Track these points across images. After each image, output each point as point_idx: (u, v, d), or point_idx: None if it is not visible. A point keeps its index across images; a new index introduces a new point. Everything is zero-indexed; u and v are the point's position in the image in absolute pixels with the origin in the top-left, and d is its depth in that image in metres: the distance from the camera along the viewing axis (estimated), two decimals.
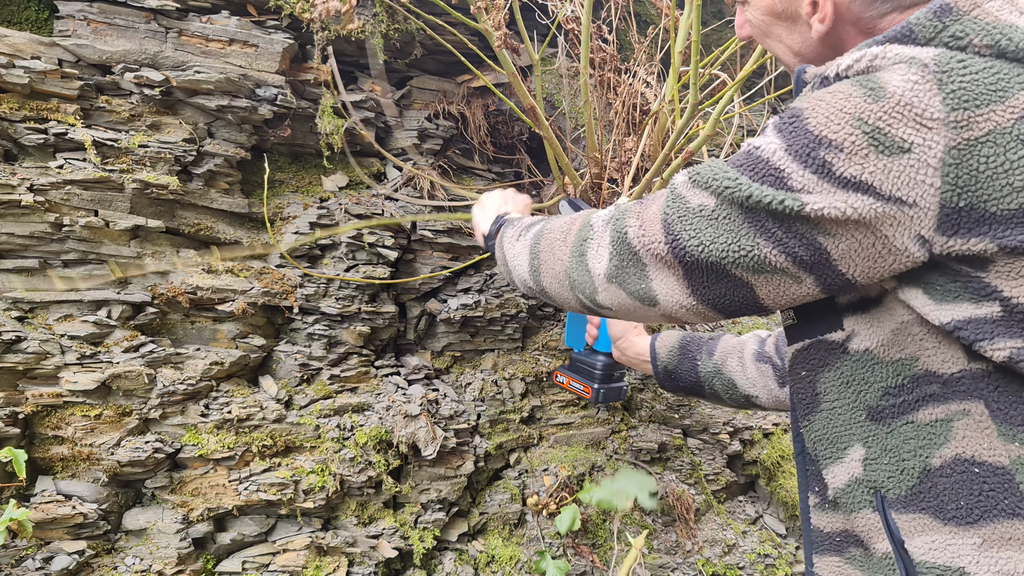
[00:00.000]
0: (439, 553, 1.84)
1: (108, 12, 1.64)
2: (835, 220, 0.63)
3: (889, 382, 0.69)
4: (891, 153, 0.60)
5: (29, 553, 1.42)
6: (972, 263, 0.61)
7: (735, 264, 0.69)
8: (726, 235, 0.69)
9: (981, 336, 0.62)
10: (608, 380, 1.33)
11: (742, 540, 2.07)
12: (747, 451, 2.22)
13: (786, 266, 0.67)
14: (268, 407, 1.68)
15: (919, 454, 0.67)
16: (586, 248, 0.85)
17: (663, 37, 2.16)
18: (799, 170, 0.64)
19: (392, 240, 1.87)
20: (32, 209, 1.49)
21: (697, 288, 0.74)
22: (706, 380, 1.19)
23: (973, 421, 0.64)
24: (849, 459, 0.72)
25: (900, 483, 0.68)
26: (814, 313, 0.76)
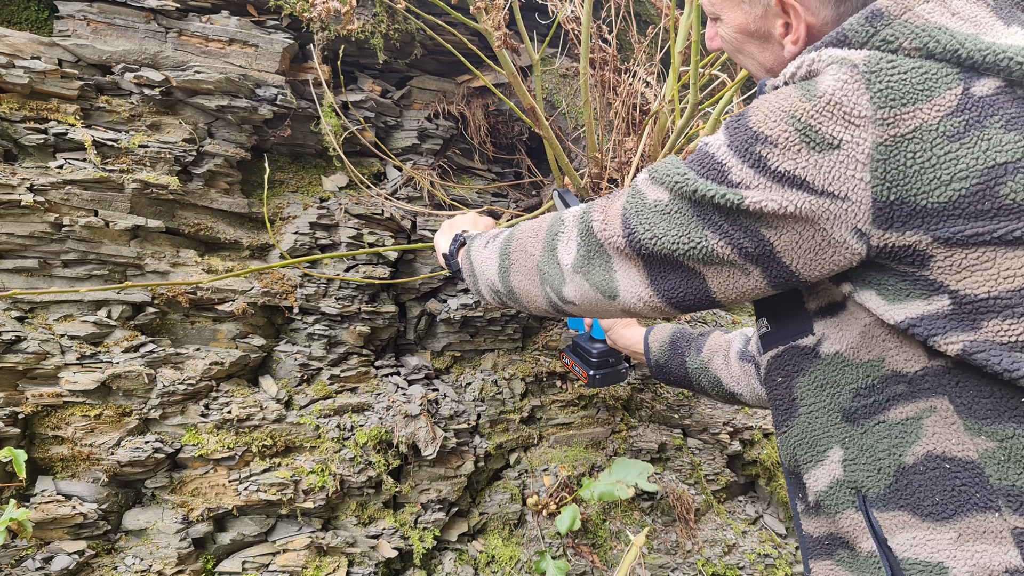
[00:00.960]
0: (439, 553, 1.84)
1: (108, 12, 1.64)
2: (774, 214, 0.66)
3: (860, 383, 0.71)
4: (821, 149, 0.63)
5: (29, 553, 1.42)
6: (914, 261, 0.63)
7: (686, 255, 0.72)
8: (677, 228, 0.72)
9: (934, 331, 0.63)
10: (604, 366, 1.37)
11: (742, 540, 2.07)
12: (747, 451, 2.22)
13: (733, 258, 0.70)
14: (268, 407, 1.68)
15: (893, 452, 0.68)
16: (557, 241, 0.87)
17: (663, 37, 2.16)
18: (738, 165, 0.67)
19: (392, 240, 1.87)
20: (32, 209, 1.49)
21: (655, 279, 0.77)
22: (694, 376, 1.23)
23: (940, 417, 0.65)
24: (829, 461, 0.74)
25: (878, 482, 0.69)
26: (786, 319, 0.78)
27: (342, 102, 1.90)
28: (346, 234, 1.84)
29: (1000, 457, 0.61)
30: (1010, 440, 0.61)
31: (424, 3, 1.90)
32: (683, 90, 1.68)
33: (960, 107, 0.60)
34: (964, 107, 0.60)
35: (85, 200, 1.56)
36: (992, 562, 0.62)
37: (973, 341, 0.61)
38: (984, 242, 0.59)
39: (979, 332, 0.61)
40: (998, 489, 0.62)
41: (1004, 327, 0.60)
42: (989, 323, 0.61)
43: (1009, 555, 0.61)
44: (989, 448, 0.62)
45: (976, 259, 0.60)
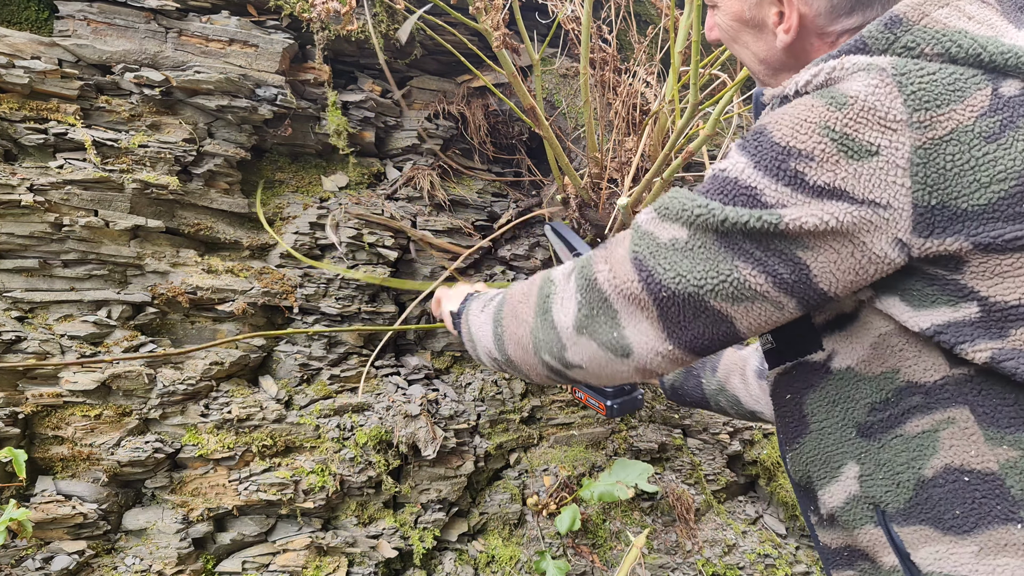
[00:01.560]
0: (439, 553, 1.84)
1: (108, 12, 1.64)
2: (813, 231, 0.63)
3: (874, 397, 0.69)
4: (860, 157, 0.61)
5: (29, 553, 1.42)
6: (947, 265, 0.61)
7: (714, 293, 0.67)
8: (703, 263, 0.66)
9: (961, 339, 0.62)
10: (620, 394, 1.32)
11: (742, 540, 2.07)
12: (747, 451, 2.22)
13: (767, 290, 0.66)
14: (268, 407, 1.68)
15: (912, 466, 0.67)
16: (550, 304, 0.80)
17: (663, 37, 2.16)
18: (771, 184, 0.64)
19: (392, 240, 1.87)
20: (32, 209, 1.49)
21: (673, 330, 0.71)
22: (711, 397, 1.19)
23: (959, 429, 0.64)
24: (844, 477, 0.72)
25: (897, 496, 0.68)
26: (792, 335, 0.76)
27: (342, 102, 1.90)
28: (346, 234, 1.83)
29: (1023, 467, 0.61)
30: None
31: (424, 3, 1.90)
32: (683, 90, 1.68)
33: (992, 108, 0.59)
34: (996, 107, 0.59)
35: (85, 200, 1.56)
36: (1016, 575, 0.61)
37: (1001, 349, 0.60)
38: (1021, 247, 0.58)
39: (1007, 340, 0.60)
40: (1020, 500, 0.61)
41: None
42: (1018, 331, 0.60)
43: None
44: (1012, 458, 0.61)
45: (1010, 264, 0.59)
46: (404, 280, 1.88)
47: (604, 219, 1.96)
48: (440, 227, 1.95)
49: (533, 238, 2.14)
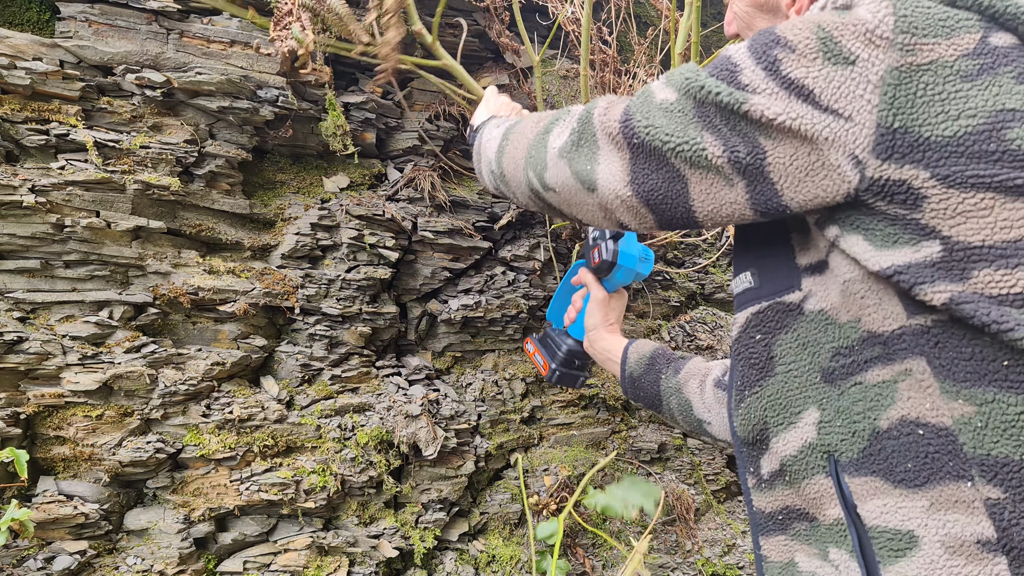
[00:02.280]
0: (440, 553, 1.84)
1: (109, 13, 1.65)
2: (774, 123, 0.65)
3: (840, 343, 0.69)
4: (837, 62, 0.63)
5: (31, 553, 1.42)
6: (906, 202, 0.61)
7: (676, 152, 0.71)
8: (676, 124, 0.71)
9: (920, 279, 0.61)
10: (568, 365, 1.35)
11: (742, 540, 2.08)
12: None
13: (722, 163, 0.69)
14: (269, 407, 1.69)
15: (868, 416, 0.67)
16: (553, 126, 0.87)
17: (663, 38, 2.17)
18: (751, 66, 0.67)
19: (393, 241, 1.88)
20: (33, 210, 1.49)
21: (636, 176, 0.75)
22: (665, 396, 1.18)
23: (915, 381, 0.64)
24: (803, 423, 0.72)
25: (852, 446, 0.68)
26: (775, 274, 0.77)
27: (343, 103, 1.90)
28: (347, 235, 1.84)
29: (977, 423, 0.60)
30: (989, 405, 0.59)
31: (424, 4, 1.90)
32: None
33: (977, 51, 0.60)
34: (981, 52, 0.60)
35: (87, 201, 1.57)
36: (964, 532, 0.60)
37: (961, 292, 0.59)
38: (985, 186, 0.58)
39: (967, 283, 0.59)
40: (972, 458, 0.60)
41: (996, 278, 0.58)
42: (980, 273, 0.59)
43: (981, 526, 0.59)
44: (965, 413, 0.60)
45: (974, 204, 0.59)
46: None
47: None
48: (441, 228, 1.95)
49: (533, 239, 2.15)
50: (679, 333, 2.29)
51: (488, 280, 2.06)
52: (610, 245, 1.24)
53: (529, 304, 2.08)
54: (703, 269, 2.42)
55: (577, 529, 1.97)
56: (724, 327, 2.34)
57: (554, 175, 0.84)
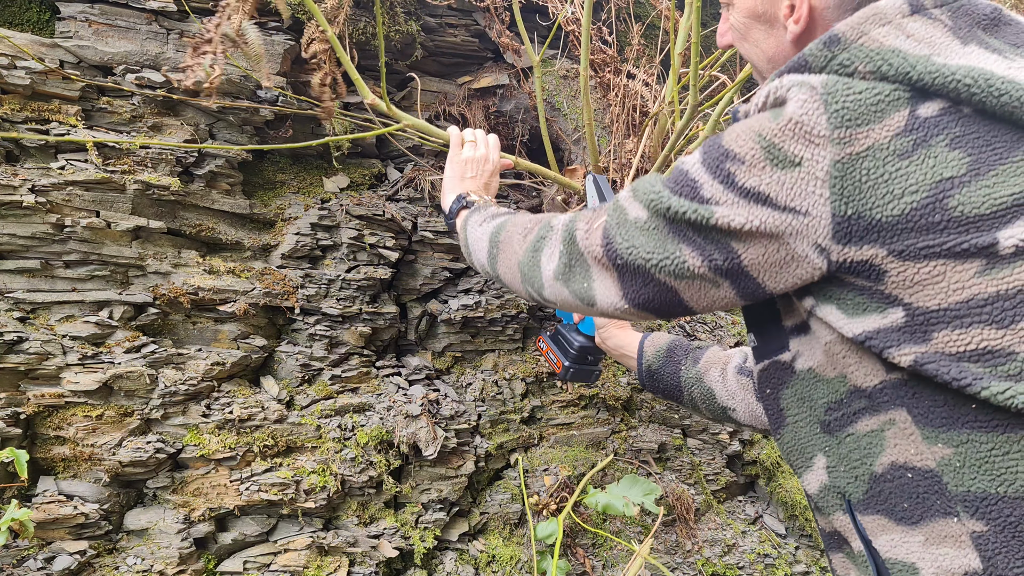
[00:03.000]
0: (440, 553, 1.84)
1: (109, 13, 1.65)
2: (741, 229, 0.69)
3: (830, 398, 0.75)
4: (784, 167, 0.67)
5: (31, 553, 1.42)
6: (870, 276, 0.66)
7: (659, 268, 0.75)
8: (654, 242, 0.75)
9: (888, 344, 0.66)
10: (581, 361, 1.35)
11: (742, 540, 2.08)
12: (747, 451, 2.23)
13: (704, 271, 0.73)
14: (269, 407, 1.69)
15: (864, 462, 0.72)
16: (542, 246, 0.92)
17: (663, 39, 2.17)
18: (709, 181, 0.71)
19: (393, 241, 1.88)
20: (34, 210, 1.49)
21: (628, 292, 0.80)
22: (686, 386, 1.21)
23: (899, 429, 0.68)
24: (816, 467, 0.78)
25: (857, 488, 0.73)
26: (768, 335, 0.82)
27: (343, 103, 1.90)
28: (347, 235, 1.84)
29: (956, 463, 0.64)
30: (964, 445, 0.64)
31: (424, 4, 1.91)
32: (683, 91, 1.69)
33: (908, 127, 0.63)
34: (912, 127, 0.63)
35: (87, 201, 1.57)
36: (953, 565, 0.65)
37: (924, 353, 0.64)
38: (935, 255, 0.62)
39: (929, 344, 0.64)
40: (955, 495, 0.64)
41: (953, 338, 0.63)
42: (939, 334, 0.63)
43: (968, 558, 0.64)
44: (945, 455, 0.65)
45: (928, 273, 0.63)
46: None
47: None
48: (441, 228, 1.95)
49: None
50: (679, 333, 2.29)
51: (488, 280, 2.06)
52: None
53: (529, 304, 2.08)
54: None
55: (577, 529, 1.97)
56: (724, 327, 2.34)
57: (552, 294, 0.90)
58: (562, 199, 1.99)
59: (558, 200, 2.00)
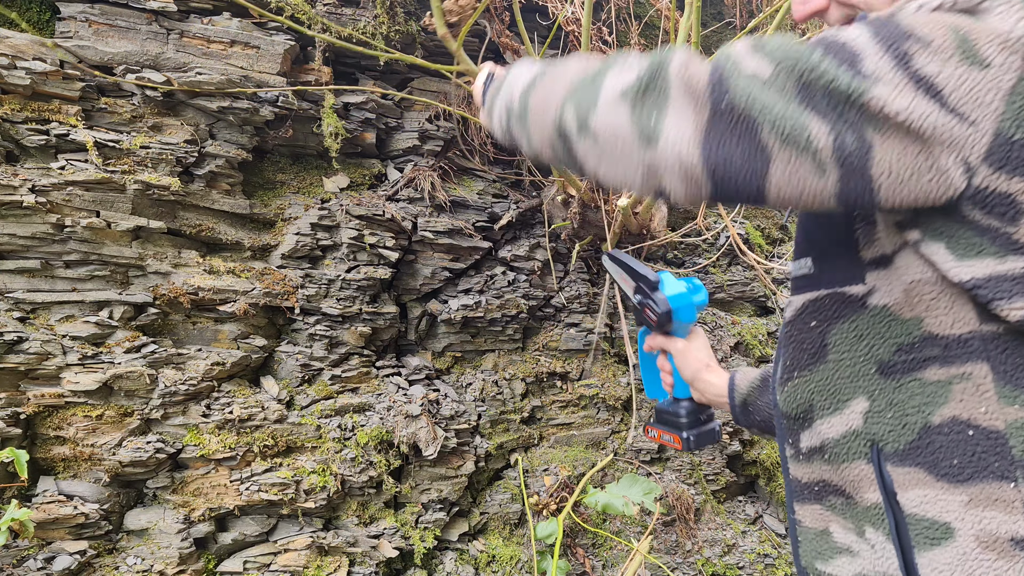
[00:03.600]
0: (440, 553, 1.84)
1: (109, 13, 1.65)
2: (892, 117, 0.61)
3: (903, 339, 0.70)
4: (971, 64, 0.60)
5: (31, 553, 1.42)
6: (1005, 214, 0.61)
7: (772, 126, 0.64)
8: (775, 97, 0.64)
9: (1000, 295, 0.61)
10: (696, 424, 1.26)
11: (742, 540, 2.08)
12: (747, 451, 2.23)
13: (823, 149, 0.62)
14: (269, 407, 1.69)
15: (922, 411, 0.68)
16: (609, 69, 0.76)
17: (663, 38, 2.17)
18: (877, 55, 0.62)
19: (393, 241, 1.88)
20: (34, 210, 1.49)
21: (710, 139, 0.67)
22: None
23: (972, 384, 0.65)
24: (850, 411, 0.73)
25: (900, 437, 0.69)
26: (837, 263, 0.75)
27: (343, 103, 1.90)
28: (347, 235, 1.84)
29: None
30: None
31: (424, 4, 1.91)
32: None
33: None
34: None
35: (87, 201, 1.57)
36: (999, 529, 0.63)
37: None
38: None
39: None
40: (1020, 461, 0.62)
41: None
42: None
43: (1018, 524, 0.62)
44: (1020, 418, 0.62)
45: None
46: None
47: (604, 220, 1.97)
48: (441, 228, 1.95)
49: (533, 239, 2.15)
50: None
51: (488, 280, 2.06)
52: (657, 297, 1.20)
53: (529, 304, 2.08)
54: (703, 269, 2.42)
55: (577, 529, 1.97)
56: (724, 327, 2.34)
57: (604, 118, 0.73)
58: (562, 199, 1.99)
59: (558, 200, 2.00)
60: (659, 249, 2.34)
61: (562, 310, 2.18)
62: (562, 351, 2.17)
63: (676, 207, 2.45)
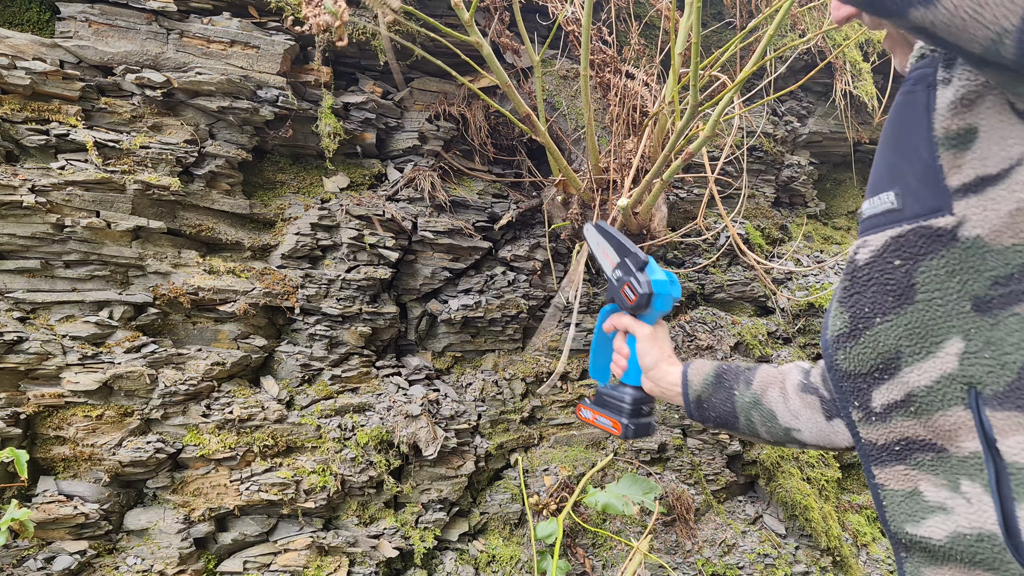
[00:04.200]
0: (440, 553, 1.84)
1: (109, 13, 1.65)
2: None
3: (1000, 271, 0.65)
4: None
5: (31, 553, 1.42)
6: None
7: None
8: None
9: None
10: (638, 415, 1.22)
11: (742, 540, 2.08)
12: (747, 451, 2.23)
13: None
14: (269, 407, 1.69)
15: (1021, 348, 0.64)
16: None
17: (663, 39, 2.17)
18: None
19: (393, 241, 1.88)
20: (34, 210, 1.49)
21: None
22: (742, 411, 1.11)
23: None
24: (943, 353, 0.69)
25: (999, 379, 0.65)
26: (921, 194, 0.70)
27: (343, 103, 1.90)
28: (347, 235, 1.84)
29: None
30: None
31: (424, 4, 1.91)
32: (683, 91, 1.69)
33: None
34: None
35: (87, 201, 1.57)
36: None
37: None
38: None
39: None
40: None
41: None
42: None
43: None
44: None
45: None
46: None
47: (604, 220, 1.97)
48: (441, 228, 1.95)
49: (533, 239, 2.15)
50: (679, 333, 2.29)
51: (488, 280, 2.06)
52: (641, 278, 1.18)
53: (529, 304, 2.08)
54: (703, 269, 2.42)
55: (577, 529, 1.97)
56: (724, 327, 2.34)
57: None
58: (562, 199, 1.99)
59: (557, 200, 2.00)
60: (659, 249, 2.34)
61: (562, 310, 2.18)
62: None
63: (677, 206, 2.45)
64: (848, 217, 3.04)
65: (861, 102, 2.68)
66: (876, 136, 2.90)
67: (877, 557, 2.21)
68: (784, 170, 2.70)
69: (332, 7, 1.25)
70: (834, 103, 2.69)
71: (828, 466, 2.23)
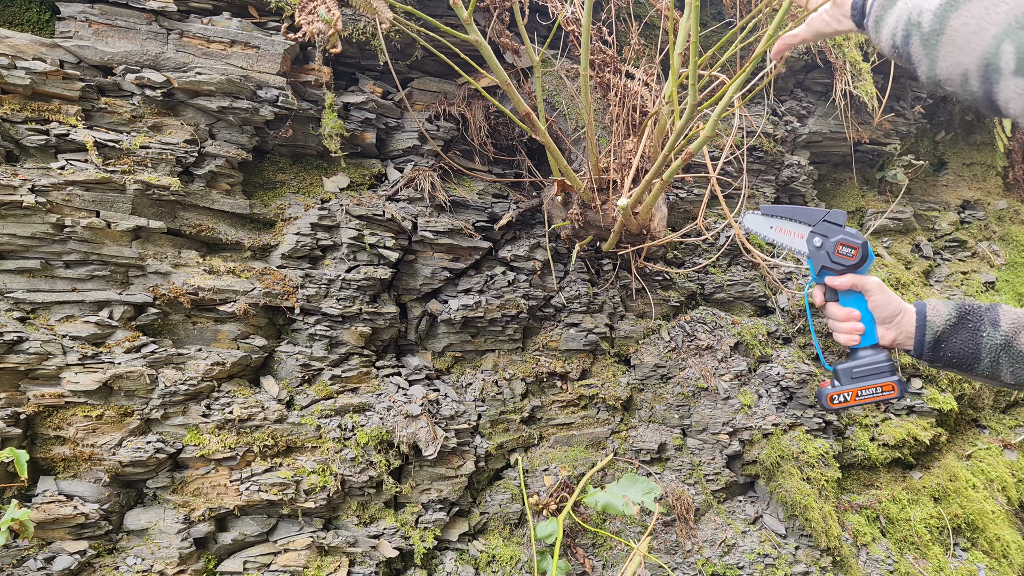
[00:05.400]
0: (440, 553, 1.84)
1: (109, 13, 1.65)
2: None
3: None
4: None
5: (31, 553, 1.42)
6: None
7: None
8: None
9: None
10: (895, 370, 1.16)
11: (742, 540, 2.08)
12: (746, 451, 2.23)
13: None
14: (269, 407, 1.69)
15: None
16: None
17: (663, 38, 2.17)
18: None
19: (393, 241, 1.88)
20: (33, 210, 1.49)
21: None
22: (988, 353, 1.04)
23: None
24: None
25: None
26: None
27: (343, 103, 1.90)
28: (347, 235, 1.84)
29: None
30: None
31: (424, 5, 1.91)
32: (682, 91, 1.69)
33: None
34: None
35: (87, 201, 1.57)
36: None
37: None
38: None
39: None
40: None
41: None
42: None
43: None
44: None
45: None
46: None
47: (604, 220, 1.97)
48: (441, 228, 1.95)
49: (533, 239, 2.15)
50: (679, 333, 2.29)
51: (488, 280, 2.06)
52: (851, 230, 1.13)
53: (529, 304, 2.08)
54: (703, 269, 2.43)
55: (577, 529, 1.97)
56: (724, 327, 2.34)
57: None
58: (562, 199, 1.99)
59: (557, 200, 2.00)
60: (659, 249, 2.34)
61: (562, 310, 2.18)
62: (562, 351, 2.17)
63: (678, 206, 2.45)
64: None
65: (861, 102, 2.68)
66: (876, 136, 2.90)
67: (877, 557, 2.21)
68: (784, 170, 2.71)
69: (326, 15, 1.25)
70: (834, 103, 2.69)
71: (828, 466, 2.23)
